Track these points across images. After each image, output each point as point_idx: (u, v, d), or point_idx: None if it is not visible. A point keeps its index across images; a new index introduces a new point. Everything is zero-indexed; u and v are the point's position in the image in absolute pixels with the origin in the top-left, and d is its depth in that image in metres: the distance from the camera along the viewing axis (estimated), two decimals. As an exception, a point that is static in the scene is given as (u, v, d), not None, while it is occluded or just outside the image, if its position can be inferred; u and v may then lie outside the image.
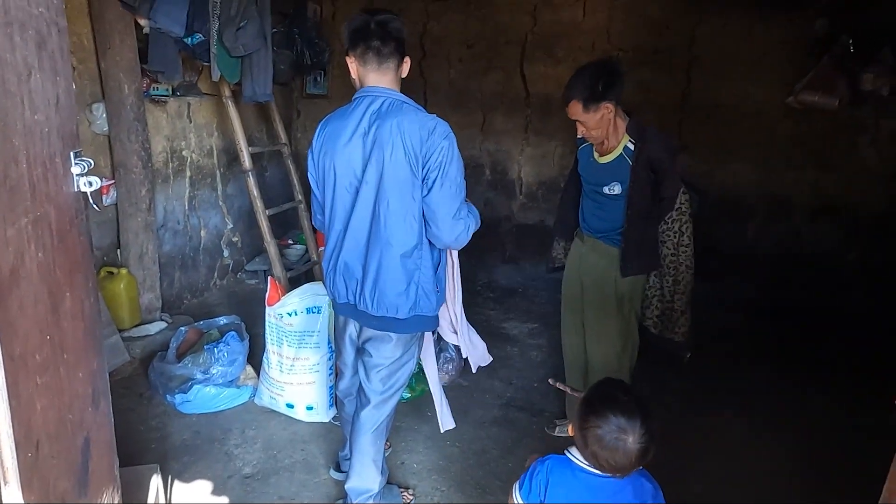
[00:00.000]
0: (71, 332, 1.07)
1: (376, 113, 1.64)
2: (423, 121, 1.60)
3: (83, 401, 1.12)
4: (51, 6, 1.07)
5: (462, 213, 1.65)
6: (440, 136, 1.59)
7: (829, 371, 3.23)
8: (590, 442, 1.25)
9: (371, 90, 1.69)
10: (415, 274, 1.70)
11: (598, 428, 1.23)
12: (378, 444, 1.96)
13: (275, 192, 4.23)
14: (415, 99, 1.74)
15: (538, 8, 4.37)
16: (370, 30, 1.66)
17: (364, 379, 1.90)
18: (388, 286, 1.69)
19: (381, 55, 1.66)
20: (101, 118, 2.94)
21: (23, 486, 0.81)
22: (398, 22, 1.70)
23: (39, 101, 0.98)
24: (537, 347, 3.52)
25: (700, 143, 4.28)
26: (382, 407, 1.91)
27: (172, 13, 2.73)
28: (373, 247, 1.69)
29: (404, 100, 1.69)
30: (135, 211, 3.10)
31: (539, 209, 4.74)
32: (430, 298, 1.75)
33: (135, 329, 3.11)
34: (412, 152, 1.58)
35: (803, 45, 3.94)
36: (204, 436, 2.49)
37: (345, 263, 1.76)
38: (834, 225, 4.22)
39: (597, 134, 2.16)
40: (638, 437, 1.21)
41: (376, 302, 1.72)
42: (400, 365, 1.86)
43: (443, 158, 1.59)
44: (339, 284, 1.80)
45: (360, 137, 1.64)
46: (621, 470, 1.25)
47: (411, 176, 1.60)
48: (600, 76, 2.06)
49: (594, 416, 1.25)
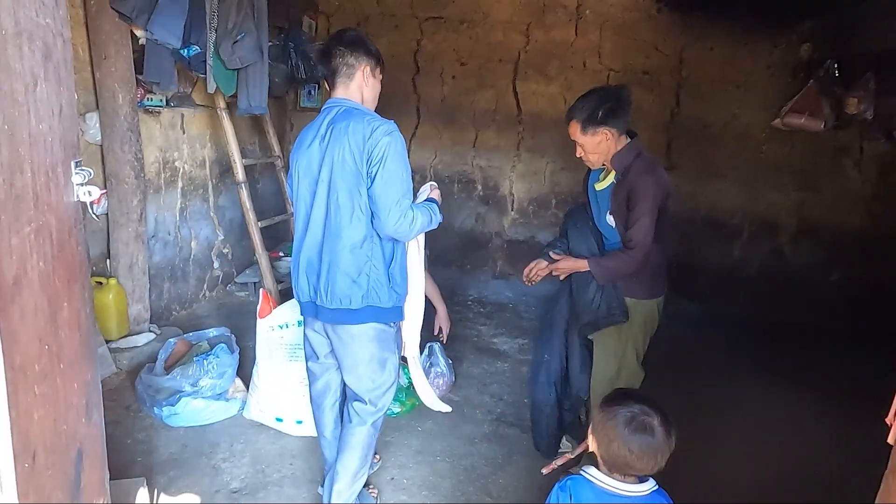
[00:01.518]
0: (68, 342, 1.06)
1: (333, 119, 1.79)
2: (370, 121, 1.73)
3: (77, 412, 1.11)
4: (56, 17, 1.07)
5: (403, 206, 1.72)
6: (382, 133, 1.70)
7: (812, 388, 3.27)
8: (617, 432, 1.26)
9: (332, 101, 1.86)
10: (365, 265, 1.78)
11: (624, 413, 1.27)
12: (372, 438, 1.99)
13: (267, 205, 4.23)
14: (408, 113, 1.83)
15: (531, 27, 4.45)
16: (323, 52, 1.86)
17: (350, 384, 1.94)
18: (338, 277, 1.78)
19: (333, 74, 1.85)
20: (95, 128, 2.93)
21: (19, 497, 0.80)
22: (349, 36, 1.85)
23: (44, 111, 0.98)
24: (527, 363, 3.52)
25: (687, 163, 4.36)
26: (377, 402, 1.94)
27: (169, 25, 2.75)
28: (327, 241, 1.79)
29: (357, 107, 1.83)
30: (126, 221, 3.08)
31: (530, 225, 4.78)
32: (381, 290, 1.81)
33: (122, 340, 3.07)
34: (357, 149, 1.70)
35: (788, 69, 4.06)
36: (191, 449, 2.46)
37: (307, 260, 1.85)
38: (817, 245, 4.31)
39: (594, 159, 2.14)
40: (660, 419, 1.26)
41: (330, 294, 1.80)
42: (378, 363, 1.89)
43: (383, 153, 1.69)
44: (303, 281, 1.88)
45: (318, 141, 1.79)
46: (651, 460, 1.25)
47: (356, 171, 1.71)
48: (604, 101, 2.05)
49: (617, 405, 1.30)
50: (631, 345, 2.25)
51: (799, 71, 4.01)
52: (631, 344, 2.25)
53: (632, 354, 2.26)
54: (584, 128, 2.07)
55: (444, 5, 4.49)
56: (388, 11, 4.55)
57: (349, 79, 1.84)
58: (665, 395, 2.92)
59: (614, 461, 1.29)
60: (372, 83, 1.89)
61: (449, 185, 4.77)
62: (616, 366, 2.26)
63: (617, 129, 2.07)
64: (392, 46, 4.43)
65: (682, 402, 3.00)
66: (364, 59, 1.84)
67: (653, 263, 2.15)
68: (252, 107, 3.24)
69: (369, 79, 1.87)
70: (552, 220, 4.72)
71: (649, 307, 2.22)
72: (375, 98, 1.93)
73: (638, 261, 2.08)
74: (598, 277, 2.15)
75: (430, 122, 4.67)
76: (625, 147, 2.12)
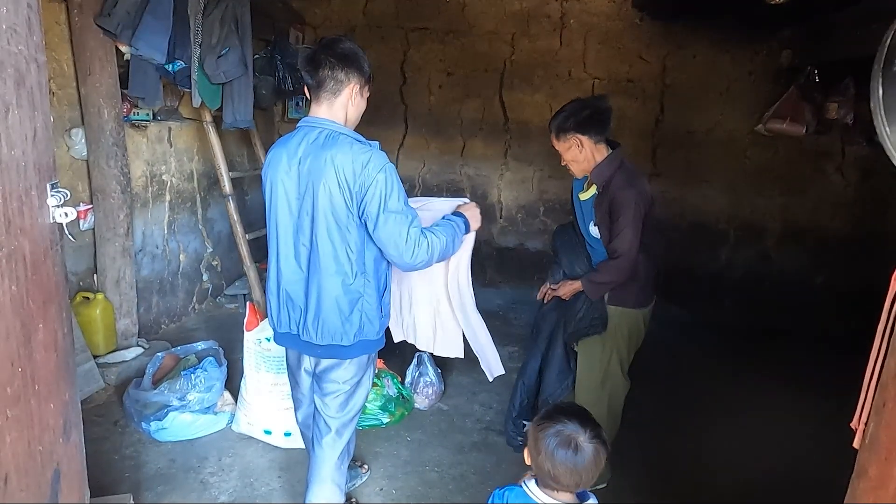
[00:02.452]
0: (43, 364, 1.07)
1: (312, 144, 1.64)
2: (357, 154, 1.58)
3: (54, 432, 1.12)
4: (30, 44, 1.09)
5: (413, 236, 1.61)
6: (374, 170, 1.57)
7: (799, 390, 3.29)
8: (544, 446, 1.27)
9: (310, 121, 1.70)
10: (359, 301, 1.70)
11: (553, 428, 1.28)
12: (343, 468, 1.93)
13: (255, 217, 4.23)
14: (395, 123, 1.77)
15: (516, 37, 4.49)
16: (310, 60, 1.67)
17: (322, 406, 1.86)
18: (330, 315, 1.68)
19: (318, 87, 1.67)
20: (80, 143, 2.94)
21: (-9, 520, 0.81)
22: (343, 48, 1.67)
23: (17, 137, 0.99)
24: (517, 371, 3.53)
25: (672, 170, 4.40)
26: (343, 432, 1.88)
27: (154, 40, 2.76)
28: (312, 276, 1.68)
29: (341, 130, 1.67)
30: (112, 236, 3.09)
31: (518, 233, 4.81)
32: (373, 324, 1.75)
33: (110, 355, 3.07)
34: (346, 185, 1.58)
35: (770, 75, 4.11)
36: (179, 464, 2.46)
37: (286, 293, 1.74)
38: (802, 248, 4.35)
39: (574, 167, 2.22)
40: (590, 435, 1.27)
41: (319, 331, 1.71)
42: (356, 387, 1.85)
43: (381, 192, 1.57)
44: (283, 314, 1.79)
45: (296, 167, 1.65)
46: (575, 476, 1.26)
47: (346, 209, 1.60)
48: (581, 111, 2.13)
49: (547, 420, 1.31)
50: (615, 355, 2.28)
51: (780, 77, 4.06)
52: (615, 354, 2.28)
53: (616, 364, 2.29)
54: (557, 135, 2.16)
55: (430, 16, 4.52)
56: (375, 23, 4.59)
57: (335, 95, 1.67)
58: (653, 398, 2.98)
59: (541, 474, 1.31)
60: (358, 102, 1.73)
61: (437, 195, 4.79)
62: (600, 376, 2.30)
63: (588, 136, 2.13)
64: (379, 57, 4.46)
65: (669, 406, 3.05)
66: (355, 77, 1.68)
67: (641, 273, 2.19)
68: (238, 120, 3.26)
69: (356, 97, 1.71)
70: (540, 227, 4.75)
71: (635, 317, 2.26)
72: (359, 117, 1.79)
73: (624, 269, 2.12)
74: (590, 294, 2.21)
75: (418, 132, 4.70)
76: (605, 160, 2.16)
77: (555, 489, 1.30)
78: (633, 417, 2.54)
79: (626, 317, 2.24)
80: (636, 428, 2.64)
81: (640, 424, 2.75)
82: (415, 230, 1.62)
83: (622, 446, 2.29)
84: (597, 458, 1.27)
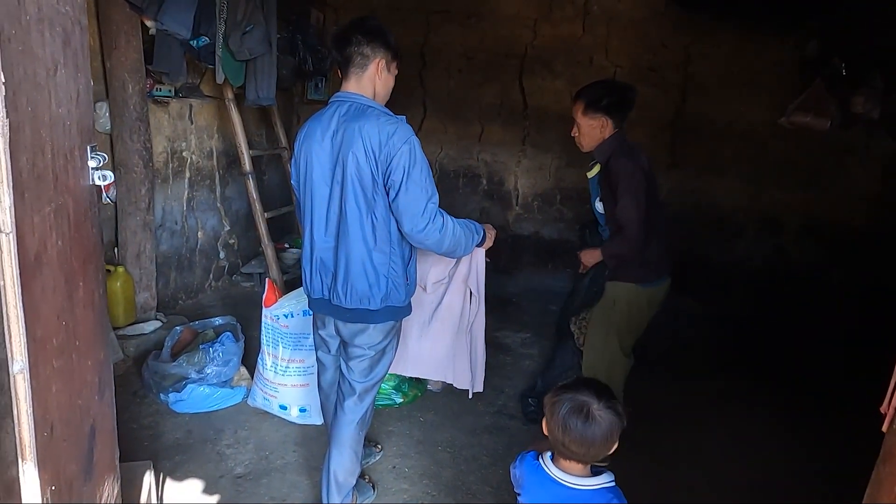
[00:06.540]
0: (83, 321, 1.09)
1: (344, 117, 1.71)
2: (384, 125, 1.65)
3: (91, 389, 1.14)
4: (75, 5, 1.10)
5: (430, 211, 1.67)
6: (400, 141, 1.64)
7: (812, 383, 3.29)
8: (559, 409, 1.28)
9: (341, 95, 1.78)
10: (384, 268, 1.75)
11: (568, 397, 1.29)
12: (360, 435, 1.98)
13: (273, 196, 4.26)
14: (413, 107, 1.81)
15: (538, 22, 4.45)
16: (339, 37, 1.76)
17: (346, 370, 1.93)
18: (357, 280, 1.75)
19: (347, 63, 1.75)
20: (104, 117, 2.96)
21: (38, 465, 0.83)
22: (369, 25, 1.76)
23: (63, 96, 1.01)
24: (529, 357, 3.55)
25: (692, 160, 4.36)
26: (365, 397, 1.94)
27: (179, 16, 2.77)
28: (342, 243, 1.75)
29: (369, 104, 1.75)
30: (134, 210, 3.12)
31: (534, 220, 4.79)
32: (399, 291, 1.81)
33: (129, 327, 3.11)
34: (372, 155, 1.64)
35: (795, 66, 4.04)
36: (196, 435, 2.49)
37: (320, 259, 1.82)
38: (820, 243, 4.31)
39: (585, 142, 2.30)
40: (604, 405, 1.27)
41: (349, 295, 1.77)
42: (382, 354, 1.90)
43: (405, 162, 1.63)
44: (316, 280, 1.85)
45: (329, 139, 1.72)
46: (585, 446, 1.27)
47: (372, 178, 1.66)
48: (612, 93, 2.21)
49: (563, 389, 1.33)
50: (613, 332, 2.34)
51: (806, 69, 4.00)
52: (614, 332, 2.34)
53: (614, 342, 2.35)
54: (586, 109, 2.22)
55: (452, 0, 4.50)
56: (395, 5, 4.56)
57: (362, 70, 1.75)
58: (664, 389, 2.98)
59: (554, 443, 1.31)
60: (385, 77, 1.80)
61: (454, 180, 4.80)
62: (605, 364, 2.36)
63: (612, 121, 2.22)
64: (399, 40, 4.35)
65: (680, 397, 3.05)
66: (381, 52, 1.76)
67: (647, 250, 2.25)
68: (260, 98, 3.27)
69: (383, 72, 1.78)
70: (556, 215, 4.74)
71: (635, 293, 2.29)
72: (388, 93, 1.86)
73: (633, 237, 2.18)
74: (607, 259, 2.30)
75: (436, 117, 4.68)
76: (608, 139, 2.25)
77: (567, 458, 1.31)
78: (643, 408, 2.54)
79: (626, 291, 2.30)
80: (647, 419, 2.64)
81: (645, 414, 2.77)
82: (433, 205, 1.69)
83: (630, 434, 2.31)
84: (609, 430, 1.27)
